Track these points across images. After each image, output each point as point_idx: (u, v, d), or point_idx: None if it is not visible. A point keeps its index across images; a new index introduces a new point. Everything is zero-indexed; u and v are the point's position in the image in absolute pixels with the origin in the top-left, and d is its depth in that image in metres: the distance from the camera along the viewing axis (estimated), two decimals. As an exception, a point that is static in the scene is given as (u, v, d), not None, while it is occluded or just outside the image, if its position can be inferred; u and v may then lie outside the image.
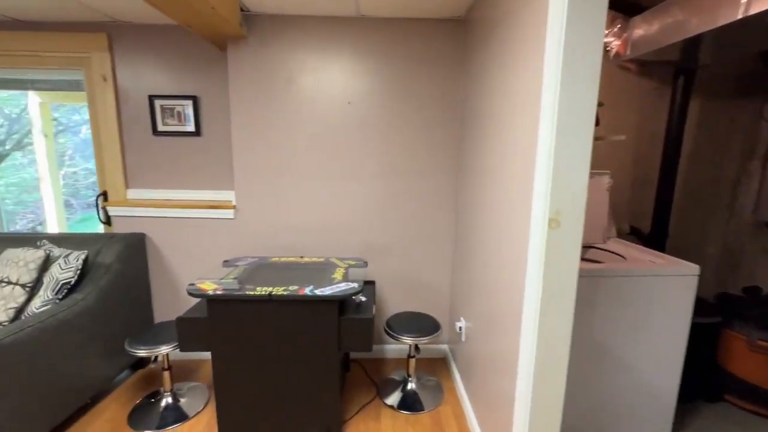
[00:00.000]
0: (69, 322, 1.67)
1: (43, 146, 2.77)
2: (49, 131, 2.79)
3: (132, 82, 2.20)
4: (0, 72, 2.22)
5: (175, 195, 2.31)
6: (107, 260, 1.96)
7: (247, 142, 2.13)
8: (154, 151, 2.27)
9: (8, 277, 1.74)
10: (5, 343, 1.41)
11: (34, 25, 2.14)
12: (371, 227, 2.22)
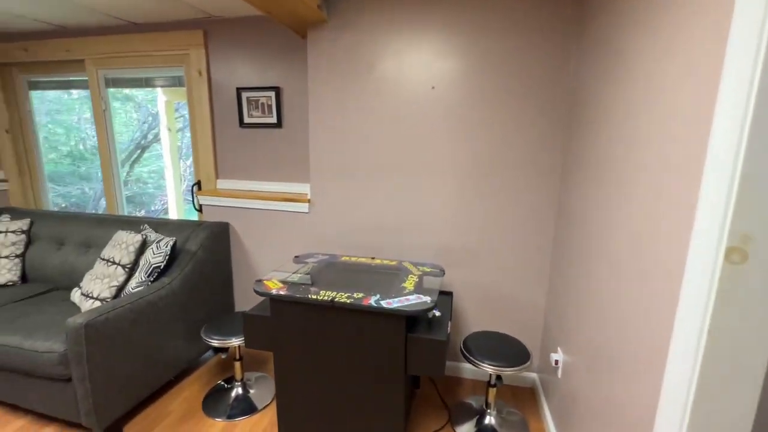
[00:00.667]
0: (155, 304, 1.77)
1: (167, 140, 3.11)
2: (173, 126, 3.11)
3: (223, 76, 2.27)
4: (121, 72, 2.48)
5: (257, 186, 2.34)
6: (193, 247, 2.06)
7: (324, 133, 2.03)
8: (240, 142, 2.32)
9: (113, 257, 1.92)
10: (102, 320, 1.52)
11: (145, 27, 2.33)
12: (452, 229, 1.95)
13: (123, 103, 2.68)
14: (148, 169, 5.22)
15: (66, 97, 3.36)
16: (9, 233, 2.33)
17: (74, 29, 2.45)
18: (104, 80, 2.53)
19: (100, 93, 2.53)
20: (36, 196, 2.94)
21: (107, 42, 2.39)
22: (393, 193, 1.99)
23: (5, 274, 2.24)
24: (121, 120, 4.57)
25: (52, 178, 2.78)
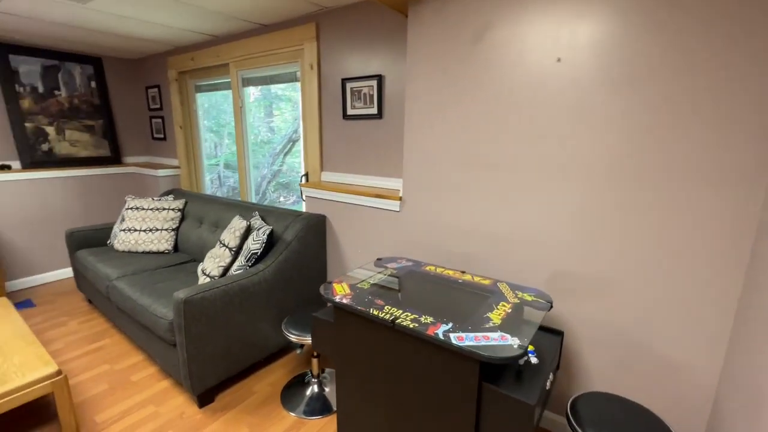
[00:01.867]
0: (247, 288, 1.87)
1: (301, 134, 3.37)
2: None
3: (331, 68, 2.25)
4: (253, 71, 2.74)
5: (356, 179, 2.27)
6: (288, 237, 2.11)
7: (420, 121, 1.80)
8: (343, 134, 2.28)
9: (224, 239, 2.12)
10: (199, 298, 1.66)
11: (271, 27, 2.49)
12: (574, 248, 1.48)
13: (286, 103, 3.05)
14: (299, 159, 5.92)
15: (246, 101, 3.95)
16: (170, 210, 2.85)
17: (223, 37, 2.81)
18: (241, 80, 2.84)
19: (238, 91, 2.86)
20: (198, 180, 3.56)
21: (243, 45, 2.66)
22: (497, 196, 1.62)
23: (163, 243, 2.75)
24: (283, 117, 5.19)
25: (229, 166, 3.37)
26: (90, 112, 3.48)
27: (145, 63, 3.65)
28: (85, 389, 1.92)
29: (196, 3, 2.06)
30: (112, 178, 3.64)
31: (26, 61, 3.08)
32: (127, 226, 2.77)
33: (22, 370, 1.52)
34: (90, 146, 3.51)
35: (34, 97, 3.15)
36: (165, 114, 3.57)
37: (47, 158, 3.25)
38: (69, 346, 2.31)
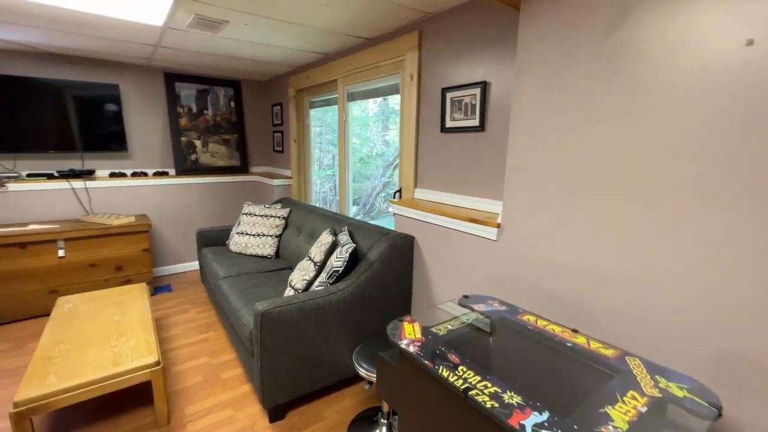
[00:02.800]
0: (324, 307, 1.79)
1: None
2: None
3: (431, 77, 2.08)
4: (358, 86, 2.75)
5: (450, 199, 2.03)
6: (372, 257, 1.99)
7: (529, 133, 1.47)
8: (440, 148, 2.08)
9: (311, 253, 2.11)
10: (276, 312, 1.65)
11: (376, 40, 2.45)
12: (754, 313, 0.97)
13: (395, 118, 3.11)
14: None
15: (363, 114, 4.12)
16: (275, 218, 3.05)
17: (333, 54, 2.91)
18: (347, 94, 2.89)
19: (343, 106, 2.91)
20: (305, 190, 3.78)
21: (349, 60, 2.69)
22: (630, 230, 1.20)
23: (267, 249, 2.94)
24: (398, 131, 5.27)
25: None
26: (228, 128, 4.03)
27: (272, 84, 4.07)
28: (185, 378, 2.11)
29: (305, 22, 2.13)
30: (239, 185, 4.14)
31: (186, 87, 3.72)
32: (241, 230, 3.05)
33: (132, 356, 1.71)
34: (225, 157, 4.05)
35: (189, 116, 3.78)
36: (284, 129, 3.90)
37: (193, 167, 3.85)
38: (184, 333, 2.61)
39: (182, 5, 1.91)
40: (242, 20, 2.11)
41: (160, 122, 3.62)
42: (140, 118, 3.51)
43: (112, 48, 2.81)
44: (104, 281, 3.03)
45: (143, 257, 3.17)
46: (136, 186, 3.52)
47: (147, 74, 3.49)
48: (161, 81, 3.58)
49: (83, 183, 3.25)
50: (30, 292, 2.76)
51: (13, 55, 2.92)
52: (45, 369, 1.60)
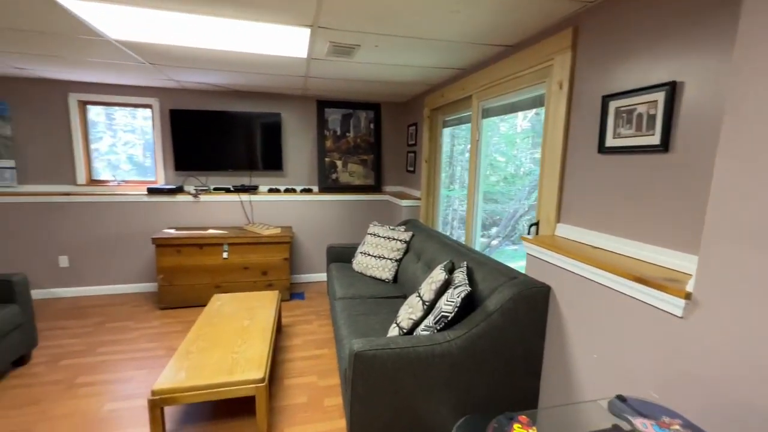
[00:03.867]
0: (426, 359, 1.53)
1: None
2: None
3: (587, 83, 1.61)
4: (493, 101, 2.42)
5: (606, 242, 1.51)
6: (491, 306, 1.62)
7: (751, 160, 0.91)
8: (594, 174, 1.58)
9: (421, 290, 1.87)
10: (370, 355, 1.48)
11: (517, 46, 2.10)
12: None
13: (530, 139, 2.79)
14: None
15: (511, 131, 3.81)
16: (397, 241, 2.94)
17: (468, 69, 2.66)
18: (481, 111, 2.59)
19: (477, 123, 2.62)
20: (433, 213, 3.60)
21: (486, 74, 2.40)
22: None
23: (386, 272, 2.85)
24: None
25: (489, 198, 3.32)
26: (366, 148, 4.21)
27: (409, 104, 4.07)
28: (291, 395, 2.15)
29: (434, 35, 1.96)
30: (371, 204, 4.26)
31: (333, 112, 4.06)
32: (364, 250, 3.06)
33: (245, 366, 1.80)
34: (362, 176, 4.24)
35: (334, 138, 4.10)
36: (417, 149, 3.83)
37: (334, 185, 4.15)
38: (303, 345, 2.72)
39: (318, 35, 1.99)
40: (372, 42, 2.09)
41: (309, 144, 4.03)
42: (295, 141, 3.98)
43: (275, 82, 3.24)
44: (253, 283, 3.48)
45: (283, 265, 3.52)
46: (286, 201, 3.98)
47: (303, 103, 3.94)
48: (314, 108, 3.99)
49: (249, 197, 3.84)
50: (202, 285, 3.36)
51: (204, 94, 3.69)
52: (181, 363, 1.81)
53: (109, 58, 2.53)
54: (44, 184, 3.44)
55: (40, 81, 3.31)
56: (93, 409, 2.00)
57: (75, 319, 3.08)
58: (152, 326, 2.98)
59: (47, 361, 2.45)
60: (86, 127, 3.55)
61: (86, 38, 2.12)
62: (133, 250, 3.65)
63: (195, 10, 1.69)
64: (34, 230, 3.42)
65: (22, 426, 1.86)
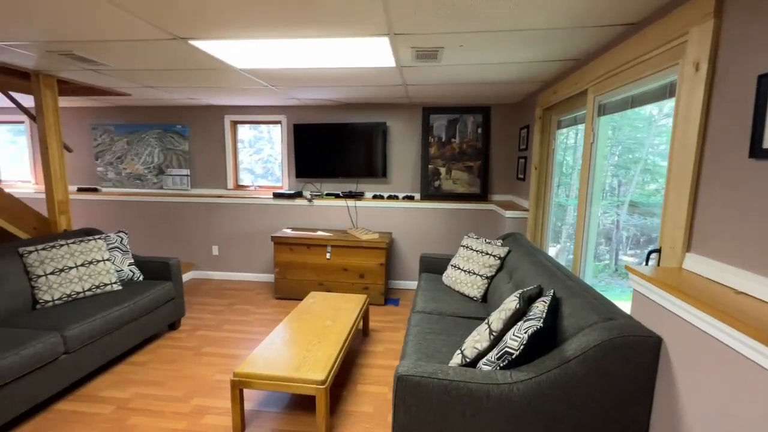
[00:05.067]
0: (477, 399, 1.32)
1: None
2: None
3: (737, 60, 1.15)
4: (608, 94, 1.97)
5: (765, 290, 1.04)
6: (570, 350, 1.29)
7: None
8: (748, 188, 1.11)
9: (491, 317, 1.64)
10: (415, 381, 1.36)
11: (640, 25, 1.65)
12: None
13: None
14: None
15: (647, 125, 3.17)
16: (491, 256, 2.67)
17: (582, 58, 2.22)
18: (597, 107, 2.13)
19: (592, 123, 2.17)
20: (542, 226, 3.15)
21: (602, 62, 1.96)
22: None
23: (474, 290, 2.62)
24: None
25: (648, 210, 2.85)
26: (472, 154, 3.98)
27: (521, 105, 3.68)
28: (359, 402, 2.16)
29: (522, 25, 1.70)
30: (474, 213, 4.00)
31: (438, 118, 3.98)
32: (455, 263, 2.88)
33: (312, 366, 1.89)
34: (466, 184, 4.02)
35: (438, 144, 4.01)
36: (528, 154, 3.43)
37: (436, 192, 4.05)
38: (385, 353, 2.72)
39: (399, 42, 1.96)
40: (455, 42, 1.94)
41: (414, 152, 4.04)
42: (399, 148, 4.04)
43: (379, 93, 3.36)
44: (351, 284, 3.67)
45: (379, 270, 3.61)
46: (389, 207, 4.07)
47: (409, 111, 3.98)
48: (419, 115, 3.98)
49: (354, 202, 4.08)
50: (309, 281, 3.72)
51: (321, 109, 4.06)
52: (262, 353, 2.02)
53: (243, 84, 3.03)
54: (206, 188, 4.35)
55: (206, 107, 4.22)
56: (207, 375, 2.41)
57: (215, 297, 3.79)
58: (266, 313, 3.43)
59: (189, 329, 3.07)
60: (235, 142, 4.35)
61: (222, 70, 2.58)
62: (261, 244, 4.30)
63: (282, 35, 1.86)
64: (197, 224, 4.37)
65: (159, 378, 2.37)
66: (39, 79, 2.77)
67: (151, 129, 4.35)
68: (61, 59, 2.37)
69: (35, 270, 2.42)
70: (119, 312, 2.43)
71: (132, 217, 4.47)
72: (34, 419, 1.98)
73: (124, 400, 2.14)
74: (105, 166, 4.48)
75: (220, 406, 2.11)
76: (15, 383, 1.83)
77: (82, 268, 2.57)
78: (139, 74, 2.73)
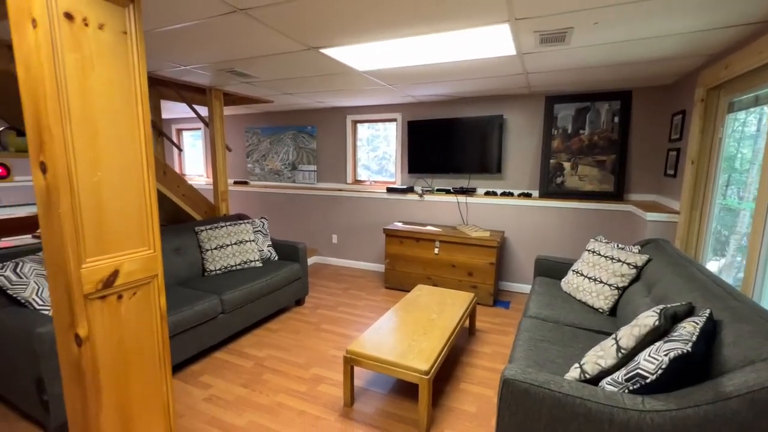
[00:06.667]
0: (598, 422, 1.16)
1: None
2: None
3: None
4: None
5: None
6: (731, 385, 1.03)
7: None
8: None
9: (619, 333, 1.42)
10: (523, 388, 1.28)
11: None
12: None
13: None
14: None
15: None
16: (624, 264, 2.31)
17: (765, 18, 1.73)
18: (793, 82, 1.64)
19: (783, 104, 1.68)
20: (699, 233, 2.58)
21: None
22: None
23: (601, 300, 2.31)
24: None
25: None
26: (605, 147, 3.49)
27: (674, 87, 3.06)
28: (462, 399, 2.12)
29: (684, -12, 1.41)
30: (604, 214, 3.50)
31: (564, 107, 3.59)
32: (577, 268, 2.59)
33: (417, 356, 1.94)
34: (595, 181, 3.55)
35: (562, 137, 3.63)
36: (682, 145, 2.84)
37: (557, 190, 3.68)
38: (491, 355, 2.61)
39: (520, 28, 1.84)
40: (587, 19, 1.73)
41: (533, 146, 3.74)
42: (516, 143, 3.79)
43: (496, 84, 3.21)
44: (458, 281, 3.62)
45: (489, 269, 3.47)
46: (502, 204, 3.87)
47: (529, 101, 3.70)
48: (541, 105, 3.67)
49: (465, 199, 4.00)
50: (417, 274, 3.80)
51: (435, 104, 4.06)
52: (371, 336, 2.16)
53: (364, 85, 3.25)
54: (329, 182, 4.82)
55: (331, 109, 4.66)
56: (324, 350, 2.69)
57: (333, 281, 4.19)
58: (376, 300, 3.64)
59: (311, 306, 3.47)
60: (355, 140, 4.71)
61: (346, 73, 2.82)
62: (373, 236, 4.56)
63: (403, 33, 1.93)
64: (321, 214, 4.88)
65: (286, 345, 2.74)
66: (211, 93, 3.47)
67: (288, 130, 5.02)
68: (226, 75, 2.91)
69: (204, 245, 3.06)
70: (260, 285, 2.90)
71: (270, 205, 5.25)
72: (200, 362, 2.51)
73: (261, 359, 2.55)
74: (253, 163, 5.36)
75: (333, 378, 2.34)
76: (190, 331, 2.36)
77: (235, 246, 3.14)
78: (280, 83, 3.17)
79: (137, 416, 1.26)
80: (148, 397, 1.29)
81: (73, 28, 1.01)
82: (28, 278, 1.95)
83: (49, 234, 1.04)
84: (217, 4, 1.62)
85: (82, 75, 1.04)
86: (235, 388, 2.22)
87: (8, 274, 1.91)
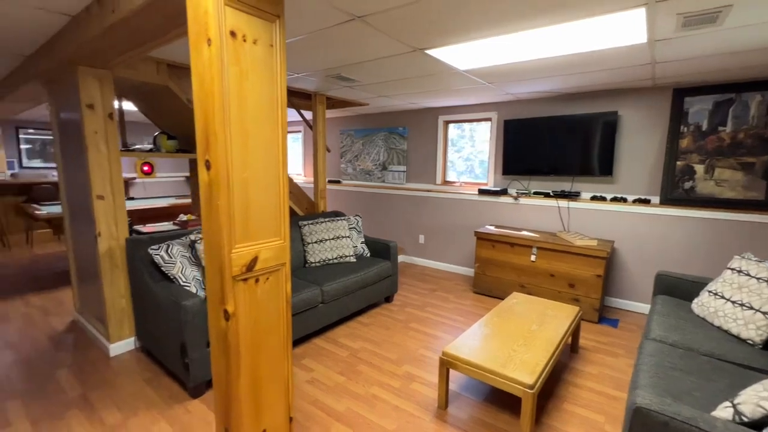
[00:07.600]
0: (768, 477, 0.97)
1: None
2: None
3: None
4: None
5: None
6: None
7: None
8: None
9: None
10: (661, 422, 1.13)
11: None
12: None
13: None
14: None
15: None
16: (762, 281, 1.90)
17: None
18: None
19: None
20: None
21: None
22: None
23: (750, 330, 1.93)
24: None
25: None
26: (753, 147, 2.91)
27: None
28: (567, 420, 1.95)
29: None
30: (749, 227, 2.92)
31: (698, 101, 3.09)
32: (716, 289, 2.20)
33: (519, 367, 1.85)
34: (739, 187, 2.98)
35: (695, 135, 3.12)
36: None
37: (685, 196, 3.18)
38: (597, 376, 2.36)
39: (658, 12, 1.63)
40: (755, -6, 1.45)
41: (654, 145, 3.29)
42: (633, 142, 3.37)
43: (613, 77, 2.90)
44: (557, 292, 3.35)
45: (595, 282, 3.14)
46: (612, 211, 3.48)
47: (651, 95, 3.26)
48: (667, 99, 3.21)
49: (567, 203, 3.68)
50: (509, 281, 3.62)
51: (535, 102, 3.79)
52: (466, 341, 2.11)
53: (460, 84, 3.20)
54: (418, 183, 4.85)
55: (423, 110, 4.67)
56: (413, 348, 2.71)
57: (420, 281, 4.20)
58: (464, 304, 3.56)
59: (400, 304, 3.53)
60: (446, 141, 4.66)
61: (445, 72, 2.80)
62: (462, 238, 4.46)
63: (512, 29, 1.85)
64: (409, 214, 4.93)
65: (378, 339, 2.82)
66: (316, 97, 3.74)
67: (380, 132, 5.18)
68: (331, 81, 3.11)
69: (306, 238, 3.31)
70: (354, 279, 3.03)
71: (362, 204, 5.47)
72: (302, 346, 2.72)
73: (355, 350, 2.67)
74: (346, 163, 5.65)
75: (425, 378, 2.34)
76: (296, 317, 2.57)
77: (333, 241, 3.34)
78: (378, 86, 3.28)
79: (265, 385, 1.41)
80: (274, 370, 1.44)
81: (236, 45, 1.17)
82: (176, 258, 2.32)
83: (209, 222, 1.22)
84: (337, 14, 1.73)
85: (239, 85, 1.20)
86: (334, 375, 2.36)
87: (162, 253, 2.30)
